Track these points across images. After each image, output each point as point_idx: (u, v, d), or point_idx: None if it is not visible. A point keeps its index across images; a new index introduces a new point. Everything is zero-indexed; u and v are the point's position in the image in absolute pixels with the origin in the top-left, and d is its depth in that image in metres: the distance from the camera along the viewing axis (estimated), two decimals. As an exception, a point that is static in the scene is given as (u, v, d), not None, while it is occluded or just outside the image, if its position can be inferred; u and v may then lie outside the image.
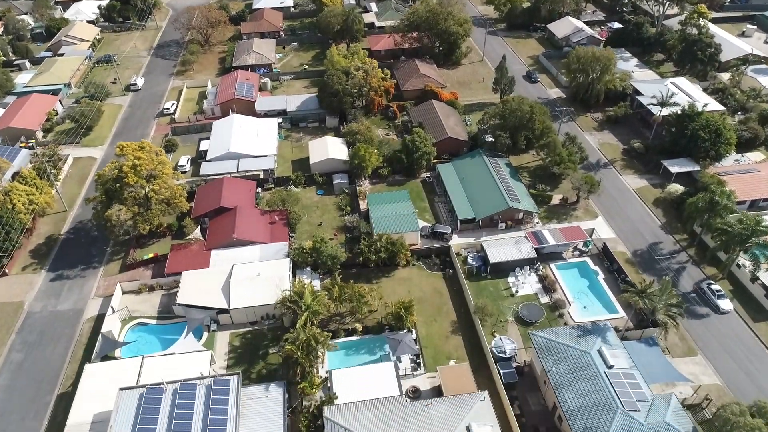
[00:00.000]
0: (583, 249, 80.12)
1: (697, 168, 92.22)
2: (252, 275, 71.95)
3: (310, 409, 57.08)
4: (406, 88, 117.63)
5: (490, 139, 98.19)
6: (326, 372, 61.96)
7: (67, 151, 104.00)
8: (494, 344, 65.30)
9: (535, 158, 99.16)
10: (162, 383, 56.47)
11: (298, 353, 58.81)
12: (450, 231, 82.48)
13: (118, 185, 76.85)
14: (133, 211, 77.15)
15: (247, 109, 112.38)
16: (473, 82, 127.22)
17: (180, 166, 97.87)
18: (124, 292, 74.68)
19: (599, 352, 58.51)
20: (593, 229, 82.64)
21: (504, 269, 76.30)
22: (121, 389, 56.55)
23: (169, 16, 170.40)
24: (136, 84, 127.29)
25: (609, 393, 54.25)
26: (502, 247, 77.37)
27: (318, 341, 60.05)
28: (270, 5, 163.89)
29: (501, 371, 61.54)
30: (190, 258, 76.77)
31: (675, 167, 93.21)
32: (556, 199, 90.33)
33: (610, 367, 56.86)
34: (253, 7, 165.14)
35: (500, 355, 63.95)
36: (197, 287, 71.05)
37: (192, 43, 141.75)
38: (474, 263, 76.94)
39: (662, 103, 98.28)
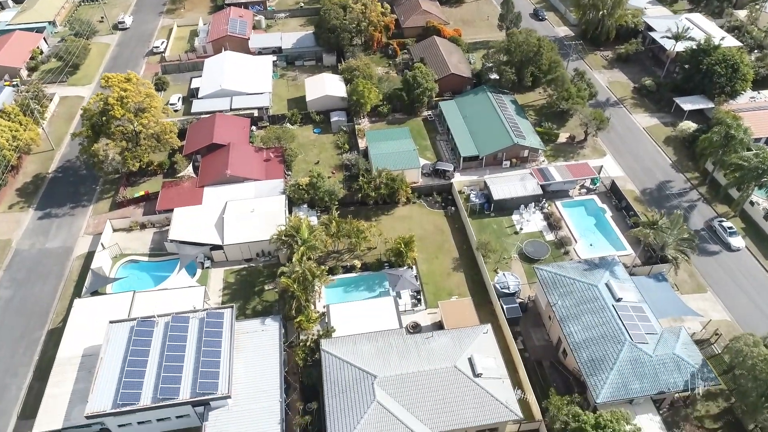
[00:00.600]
0: (591, 186, 77.11)
1: (711, 105, 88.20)
2: (246, 211, 69.23)
3: (307, 343, 55.36)
4: (406, 25, 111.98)
5: (494, 76, 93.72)
6: (324, 307, 60.04)
7: (53, 90, 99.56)
8: (497, 280, 63.11)
9: (541, 96, 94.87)
10: (153, 316, 54.55)
11: (294, 286, 56.63)
12: (452, 168, 79.25)
13: (104, 119, 73.18)
14: (121, 146, 73.74)
15: (241, 47, 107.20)
16: (477, 20, 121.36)
17: (171, 104, 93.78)
18: (114, 230, 72.18)
19: (607, 285, 56.30)
20: (601, 166, 79.39)
21: (508, 207, 73.53)
22: (111, 322, 54.64)
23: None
24: (124, 22, 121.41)
25: (616, 325, 52.29)
26: (507, 184, 74.35)
27: (315, 275, 57.80)
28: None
29: (504, 306, 59.56)
30: (182, 195, 73.88)
31: (688, 104, 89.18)
32: (563, 137, 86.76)
33: (618, 300, 54.74)
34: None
35: (503, 290, 61.84)
36: (189, 223, 68.46)
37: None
38: (477, 200, 74.08)
39: (677, 37, 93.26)
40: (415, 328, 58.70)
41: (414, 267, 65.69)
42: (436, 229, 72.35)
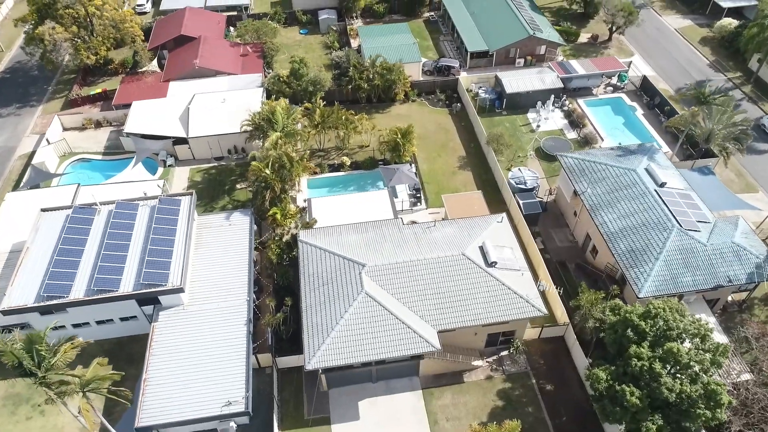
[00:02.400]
0: (618, 84, 66.67)
1: (753, 2, 77.09)
2: (216, 102, 58.98)
3: (283, 238, 45.79)
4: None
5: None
6: (304, 201, 50.34)
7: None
8: (512, 175, 53.26)
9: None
10: (95, 203, 44.84)
11: (267, 172, 46.76)
12: (458, 65, 68.72)
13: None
14: (72, 32, 63.02)
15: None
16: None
17: (139, 5, 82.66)
18: (65, 129, 62.04)
19: (647, 170, 46.42)
20: (630, 62, 68.82)
21: (523, 104, 63.21)
22: (42, 210, 44.99)
23: None
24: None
25: (661, 211, 42.57)
26: (522, 77, 63.89)
27: (292, 160, 47.89)
28: None
29: (521, 202, 49.80)
30: (143, 89, 63.44)
31: (727, 2, 78.16)
32: (584, 37, 75.98)
33: (662, 184, 44.93)
34: None
35: (519, 186, 52.03)
36: (150, 116, 58.26)
37: None
38: (487, 95, 63.77)
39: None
40: (414, 227, 49.01)
41: (413, 165, 55.80)
42: (439, 127, 62.17)
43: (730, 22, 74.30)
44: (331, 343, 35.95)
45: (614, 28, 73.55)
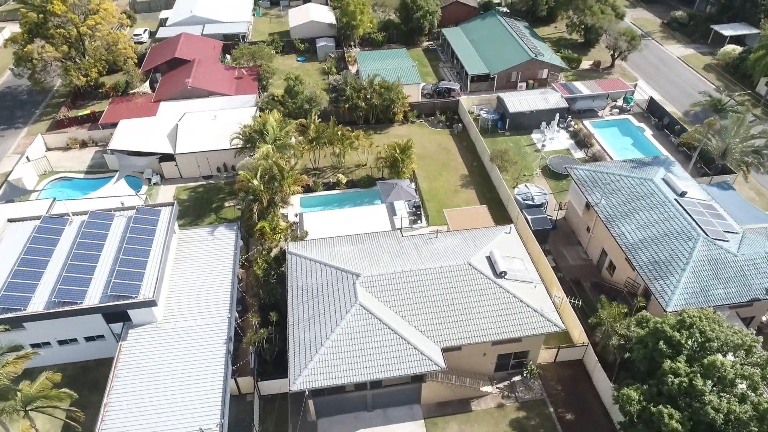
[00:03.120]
0: (624, 106, 64.56)
1: (756, 31, 76.44)
2: (207, 119, 56.51)
3: (271, 252, 41.94)
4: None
5: (504, 9, 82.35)
6: (295, 216, 46.79)
7: (3, 24, 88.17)
8: (518, 191, 49.96)
9: (558, 30, 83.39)
10: (67, 213, 41.26)
11: (255, 182, 43.47)
12: (459, 88, 66.90)
13: (41, 16, 61.03)
14: (62, 51, 61.41)
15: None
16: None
17: (136, 35, 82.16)
18: (48, 149, 59.23)
19: (665, 180, 43.16)
20: (635, 84, 67.03)
21: (527, 124, 60.79)
22: (9, 220, 41.34)
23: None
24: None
25: (684, 220, 38.96)
26: (525, 97, 61.80)
27: (283, 171, 44.69)
28: None
29: (529, 217, 46.25)
30: (132, 110, 61.16)
31: (728, 30, 77.60)
32: (586, 64, 74.74)
33: (682, 194, 41.56)
34: None
35: (527, 202, 48.63)
36: (136, 133, 55.61)
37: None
38: (488, 116, 61.46)
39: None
40: (414, 244, 45.17)
41: (413, 183, 52.60)
42: (440, 147, 59.49)
43: (734, 48, 73.26)
44: (320, 361, 31.48)
45: (617, 54, 72.36)
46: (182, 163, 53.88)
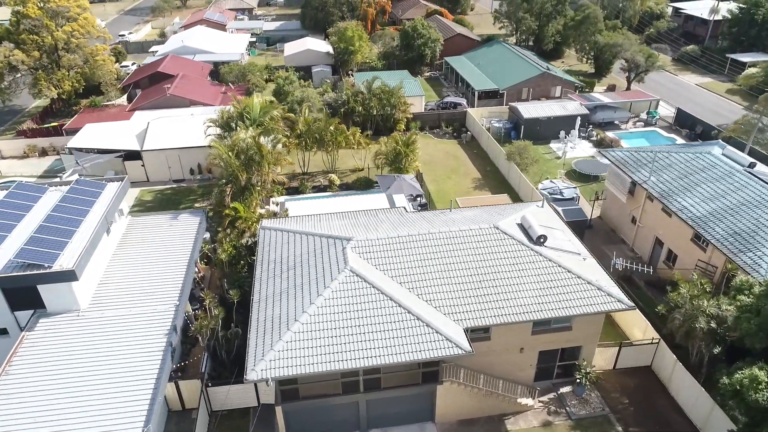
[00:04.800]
0: (648, 119, 58.46)
1: (774, 57, 72.64)
2: (185, 117, 49.99)
3: (243, 235, 33.25)
4: (405, 17, 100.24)
5: (512, 40, 79.23)
6: (276, 204, 38.55)
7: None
8: (543, 186, 42.22)
9: (565, 65, 79.64)
10: (-11, 186, 33.24)
11: (230, 157, 35.82)
12: (465, 103, 61.13)
13: (15, 19, 56.47)
14: (33, 57, 56.21)
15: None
16: (482, 23, 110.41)
17: (123, 65, 78.12)
18: (3, 157, 52.25)
19: (725, 155, 35.61)
20: (658, 100, 61.31)
21: (544, 134, 54.10)
22: None
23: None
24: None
25: (760, 189, 30.92)
26: (540, 105, 55.82)
27: (262, 149, 37.17)
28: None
29: (560, 209, 38.02)
30: (104, 118, 54.58)
31: (747, 57, 73.70)
32: (599, 88, 69.79)
33: (751, 165, 33.86)
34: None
35: (554, 196, 40.68)
36: (101, 134, 48.76)
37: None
38: (500, 125, 55.09)
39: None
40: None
41: (419, 180, 44.99)
42: (448, 155, 52.50)
43: (757, 71, 68.65)
44: (294, 341, 22.06)
45: (633, 76, 67.50)
46: (150, 163, 46.50)
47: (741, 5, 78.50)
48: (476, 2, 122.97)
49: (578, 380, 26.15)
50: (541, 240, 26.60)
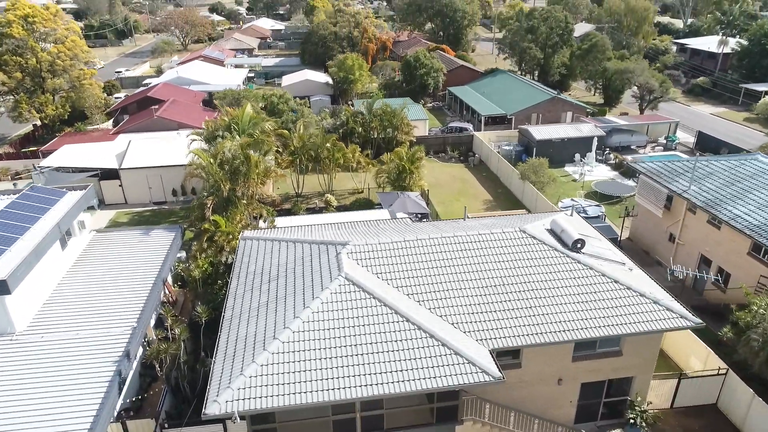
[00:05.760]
0: (668, 143, 54.78)
1: (791, 86, 69.95)
2: (170, 137, 46.26)
3: (221, 251, 28.55)
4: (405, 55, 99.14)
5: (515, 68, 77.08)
6: (263, 221, 33.95)
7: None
8: (564, 205, 37.87)
9: (572, 97, 77.07)
10: (-70, 194, 28.83)
11: (211, 162, 31.66)
12: (471, 128, 57.70)
13: (-2, 39, 53.89)
14: (15, 79, 53.16)
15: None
16: (484, 62, 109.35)
17: (117, 98, 75.51)
18: (-29, 181, 48.26)
19: (772, 161, 31.45)
20: (677, 123, 57.83)
21: (557, 157, 50.12)
22: None
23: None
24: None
25: (828, 193, 26.57)
26: (553, 127, 52.26)
27: (249, 158, 33.05)
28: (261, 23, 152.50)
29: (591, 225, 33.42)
30: (85, 140, 51.10)
31: (763, 87, 71.00)
32: (611, 117, 66.61)
33: (807, 171, 29.60)
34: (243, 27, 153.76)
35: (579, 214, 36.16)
36: (78, 154, 44.87)
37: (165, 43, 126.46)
38: (510, 147, 51.32)
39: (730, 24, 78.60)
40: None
41: (425, 199, 40.65)
42: (454, 178, 48.45)
43: (776, 98, 65.91)
44: (270, 363, 17.01)
45: (645, 104, 64.43)
46: (129, 183, 42.33)
47: (750, 37, 76.74)
48: (477, 44, 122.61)
49: (631, 420, 20.82)
50: (578, 245, 21.94)
